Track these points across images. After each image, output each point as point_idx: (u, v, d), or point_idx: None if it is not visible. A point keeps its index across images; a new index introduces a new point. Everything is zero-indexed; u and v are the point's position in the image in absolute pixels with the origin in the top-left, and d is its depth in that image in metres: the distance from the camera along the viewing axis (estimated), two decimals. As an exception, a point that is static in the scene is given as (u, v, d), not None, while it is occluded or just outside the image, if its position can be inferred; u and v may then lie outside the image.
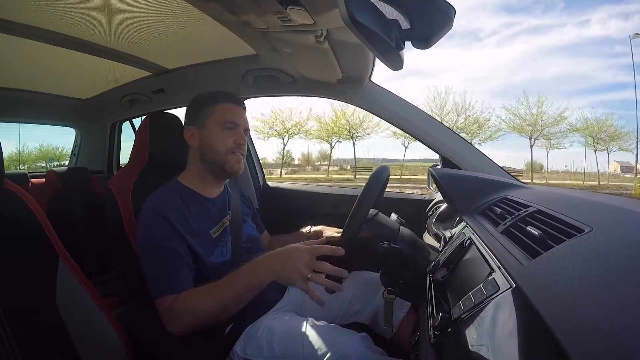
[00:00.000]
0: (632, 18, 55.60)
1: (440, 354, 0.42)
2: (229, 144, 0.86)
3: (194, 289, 0.74)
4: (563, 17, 64.60)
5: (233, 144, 0.87)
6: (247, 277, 0.71)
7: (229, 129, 0.87)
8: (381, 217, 0.82)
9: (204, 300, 0.71)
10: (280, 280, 0.70)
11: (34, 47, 1.12)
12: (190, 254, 0.79)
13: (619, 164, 36.92)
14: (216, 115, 0.87)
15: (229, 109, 0.88)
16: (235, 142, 0.87)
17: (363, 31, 0.48)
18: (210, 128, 0.87)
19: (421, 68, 69.50)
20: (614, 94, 59.92)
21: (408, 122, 1.16)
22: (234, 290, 0.70)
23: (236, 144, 0.87)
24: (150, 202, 0.82)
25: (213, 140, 0.86)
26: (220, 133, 0.86)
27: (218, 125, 0.86)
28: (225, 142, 0.86)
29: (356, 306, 0.96)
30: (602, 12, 57.91)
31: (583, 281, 0.30)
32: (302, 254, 0.68)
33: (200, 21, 0.92)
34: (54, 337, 0.59)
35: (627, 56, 57.69)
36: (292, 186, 1.64)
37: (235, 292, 0.70)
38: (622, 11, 55.51)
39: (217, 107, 0.88)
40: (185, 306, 0.71)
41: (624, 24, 55.94)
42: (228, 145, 0.86)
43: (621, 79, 61.01)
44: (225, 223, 0.90)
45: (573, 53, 54.85)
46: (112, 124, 2.00)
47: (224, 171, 0.88)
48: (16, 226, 0.60)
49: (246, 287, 0.71)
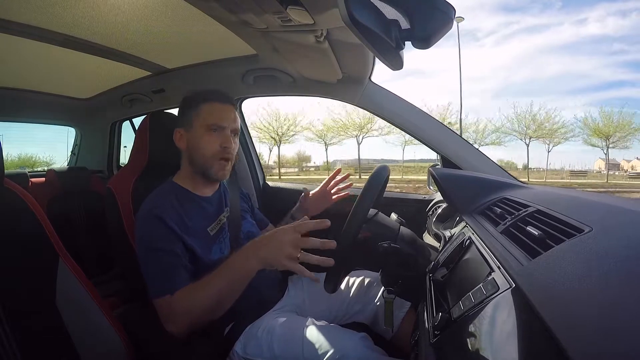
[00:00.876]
0: (629, 15, 55.51)
1: (440, 354, 0.42)
2: (215, 147, 0.83)
3: (187, 287, 0.72)
4: (561, 16, 64.75)
5: (219, 147, 0.83)
6: (234, 268, 0.69)
7: (214, 130, 0.83)
8: (381, 217, 0.82)
9: (197, 296, 0.70)
10: (268, 266, 0.67)
11: (34, 47, 1.12)
12: (187, 253, 0.78)
13: (603, 161, 37.16)
14: (201, 116, 0.84)
15: (215, 109, 0.85)
16: (221, 145, 0.83)
17: (363, 31, 0.48)
18: (195, 130, 0.84)
19: (420, 68, 69.53)
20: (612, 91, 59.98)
21: (408, 122, 1.16)
22: (224, 282, 0.69)
23: (222, 147, 0.83)
24: (146, 203, 0.81)
25: (198, 143, 0.83)
26: (205, 136, 0.83)
27: (203, 127, 0.83)
28: (211, 146, 0.83)
29: (356, 306, 0.96)
30: (600, 10, 57.99)
31: (583, 281, 0.30)
32: (285, 234, 0.65)
33: (200, 21, 0.92)
34: (54, 337, 0.59)
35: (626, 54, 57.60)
36: (292, 186, 1.64)
37: (226, 284, 0.69)
38: (620, 9, 55.53)
39: (202, 108, 0.84)
40: (181, 305, 0.70)
41: (621, 21, 55.92)
42: (214, 149, 0.83)
43: (620, 76, 61.13)
44: (223, 220, 0.90)
45: (571, 51, 54.90)
46: (112, 123, 2.00)
47: (209, 176, 0.86)
48: (16, 226, 0.60)
49: (235, 277, 0.69)
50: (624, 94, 57.16)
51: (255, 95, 1.46)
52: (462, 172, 1.03)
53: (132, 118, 2.00)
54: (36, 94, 1.70)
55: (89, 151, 2.11)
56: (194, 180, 0.89)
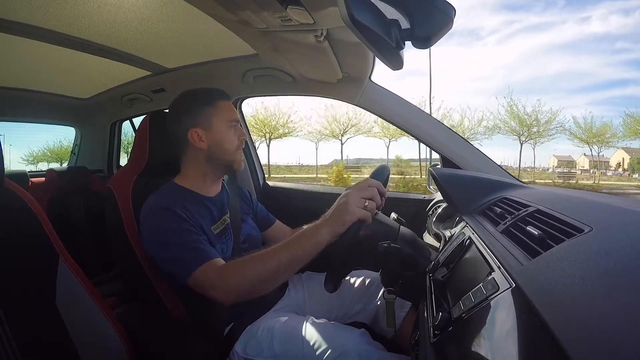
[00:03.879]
0: (632, 14, 55.52)
1: (440, 354, 0.42)
2: (236, 141, 0.88)
3: (243, 257, 0.69)
4: (564, 14, 64.75)
5: (238, 141, 0.89)
6: (303, 238, 0.66)
7: (233, 127, 0.88)
8: (381, 216, 0.82)
9: (257, 263, 0.67)
10: (336, 234, 0.65)
11: (34, 46, 1.12)
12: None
13: (557, 158, 37.33)
14: (221, 114, 0.87)
15: (229, 106, 0.89)
16: (239, 138, 0.89)
17: (363, 31, 0.48)
18: (217, 128, 0.86)
19: (421, 68, 69.52)
20: (615, 90, 59.84)
21: (408, 122, 1.16)
22: (289, 254, 0.66)
23: (240, 140, 0.89)
24: (152, 202, 0.80)
25: (222, 140, 0.86)
26: (227, 132, 0.87)
27: (224, 124, 0.87)
28: (233, 141, 0.88)
29: (356, 306, 0.96)
30: (603, 8, 57.97)
31: (583, 281, 0.30)
32: (350, 199, 0.65)
33: (200, 20, 0.92)
34: (54, 337, 0.59)
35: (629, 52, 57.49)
36: (292, 186, 1.64)
37: (288, 258, 0.66)
38: (622, 7, 55.54)
39: (219, 105, 0.87)
40: (236, 270, 0.68)
41: (624, 19, 55.90)
42: (235, 143, 0.88)
43: (623, 75, 61.08)
44: (226, 221, 0.90)
45: (574, 50, 54.84)
46: (112, 123, 2.00)
47: (231, 169, 0.90)
48: (16, 226, 0.60)
49: (303, 248, 0.65)
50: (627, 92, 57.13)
51: (255, 95, 1.46)
52: (462, 172, 1.03)
53: (132, 118, 2.00)
54: (36, 94, 1.70)
55: (89, 151, 2.11)
56: (201, 180, 0.89)
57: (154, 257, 0.77)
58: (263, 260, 0.66)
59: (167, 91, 1.53)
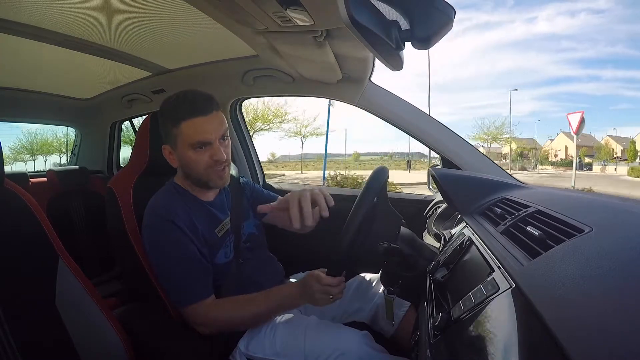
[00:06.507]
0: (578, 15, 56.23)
1: (440, 354, 0.42)
2: (205, 161, 0.79)
3: (230, 299, 0.80)
4: (512, 14, 65.36)
5: (209, 160, 0.79)
6: (284, 300, 0.79)
7: (200, 148, 0.78)
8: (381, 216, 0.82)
9: (240, 310, 0.78)
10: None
11: (34, 47, 1.12)
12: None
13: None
14: (183, 136, 0.77)
15: (196, 125, 0.76)
16: (211, 158, 0.79)
17: (363, 32, 0.48)
18: (181, 150, 0.79)
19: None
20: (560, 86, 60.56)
21: (408, 122, 1.16)
22: (267, 306, 0.78)
23: (213, 160, 0.79)
24: (154, 207, 0.80)
25: (188, 162, 0.80)
26: (192, 154, 0.78)
27: (188, 147, 0.78)
28: (202, 162, 0.79)
29: (356, 305, 0.96)
30: (549, 9, 58.47)
31: (583, 281, 0.30)
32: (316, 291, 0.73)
33: (200, 22, 0.92)
34: (54, 337, 0.59)
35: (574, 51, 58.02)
36: (292, 186, 1.64)
37: (266, 309, 0.79)
38: (568, 9, 56.15)
39: (182, 127, 0.77)
40: (221, 313, 0.78)
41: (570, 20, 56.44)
42: (205, 163, 0.79)
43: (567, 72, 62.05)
44: (228, 224, 0.90)
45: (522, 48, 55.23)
46: (112, 124, 2.00)
47: (208, 187, 0.85)
48: (16, 226, 0.60)
49: (281, 306, 0.80)
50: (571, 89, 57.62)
51: (255, 96, 1.47)
52: (462, 173, 1.03)
53: (132, 118, 2.00)
54: (36, 94, 1.71)
55: (88, 151, 2.11)
56: (194, 188, 0.87)
57: (152, 265, 0.81)
58: (245, 306, 0.79)
59: (167, 92, 1.53)
